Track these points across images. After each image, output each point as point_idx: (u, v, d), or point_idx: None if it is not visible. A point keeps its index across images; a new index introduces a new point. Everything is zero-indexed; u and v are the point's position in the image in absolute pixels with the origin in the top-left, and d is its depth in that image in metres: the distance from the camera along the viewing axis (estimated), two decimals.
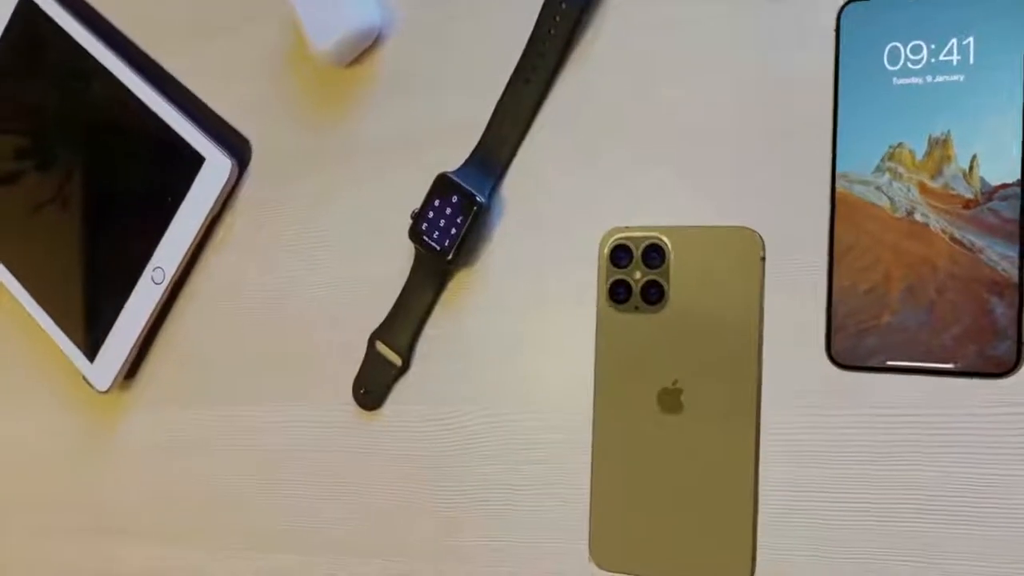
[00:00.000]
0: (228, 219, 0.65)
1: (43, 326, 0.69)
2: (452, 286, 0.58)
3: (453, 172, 0.57)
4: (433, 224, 0.56)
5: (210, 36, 0.66)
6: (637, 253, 0.54)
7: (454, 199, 0.56)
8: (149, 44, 0.69)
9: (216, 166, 0.63)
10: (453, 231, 0.56)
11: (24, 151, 0.70)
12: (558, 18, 0.55)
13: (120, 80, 0.66)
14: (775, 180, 0.51)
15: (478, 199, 0.56)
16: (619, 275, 0.55)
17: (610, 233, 0.55)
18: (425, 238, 0.56)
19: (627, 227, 0.55)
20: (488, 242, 0.57)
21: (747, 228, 0.52)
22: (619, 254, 0.55)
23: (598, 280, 0.55)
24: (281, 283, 0.64)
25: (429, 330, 0.59)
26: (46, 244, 0.69)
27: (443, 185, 0.56)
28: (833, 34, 0.50)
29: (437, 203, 0.56)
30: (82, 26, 0.68)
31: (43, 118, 0.70)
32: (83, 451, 0.71)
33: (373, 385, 0.60)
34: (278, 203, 0.64)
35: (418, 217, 0.57)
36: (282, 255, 0.64)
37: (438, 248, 0.56)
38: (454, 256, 0.56)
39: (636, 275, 0.54)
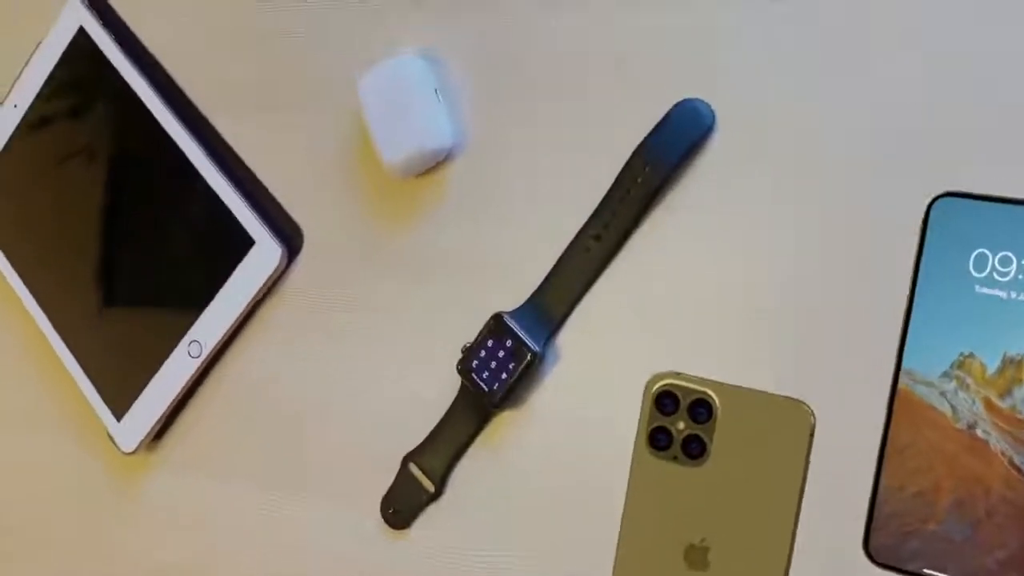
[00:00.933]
0: (272, 304, 0.63)
1: (74, 377, 0.68)
2: (495, 423, 0.57)
3: (509, 314, 0.55)
4: (484, 364, 0.55)
5: (279, 111, 0.63)
6: (684, 404, 0.53)
7: (508, 343, 0.54)
8: (214, 106, 0.65)
9: (265, 251, 0.60)
10: (504, 376, 0.54)
11: (68, 200, 0.68)
12: (640, 180, 0.52)
13: (177, 142, 0.63)
14: (839, 359, 0.50)
15: (533, 349, 0.54)
16: (662, 422, 0.53)
17: (659, 376, 0.53)
18: (474, 375, 0.55)
19: (678, 373, 0.53)
20: (538, 386, 0.56)
21: (800, 402, 0.50)
22: (665, 400, 0.53)
23: (639, 421, 0.54)
24: (318, 380, 0.62)
25: (466, 461, 0.58)
26: (88, 298, 0.67)
27: (498, 327, 0.55)
28: (920, 224, 0.48)
29: (491, 344, 0.54)
30: (142, 76, 0.65)
31: (91, 160, 0.67)
32: (99, 502, 0.70)
33: (402, 505, 0.59)
34: (324, 299, 0.62)
35: (469, 353, 0.55)
36: (323, 353, 0.62)
37: (486, 389, 0.55)
38: (501, 400, 0.55)
39: (680, 425, 0.53)
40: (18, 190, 0.70)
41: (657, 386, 0.53)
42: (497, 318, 0.55)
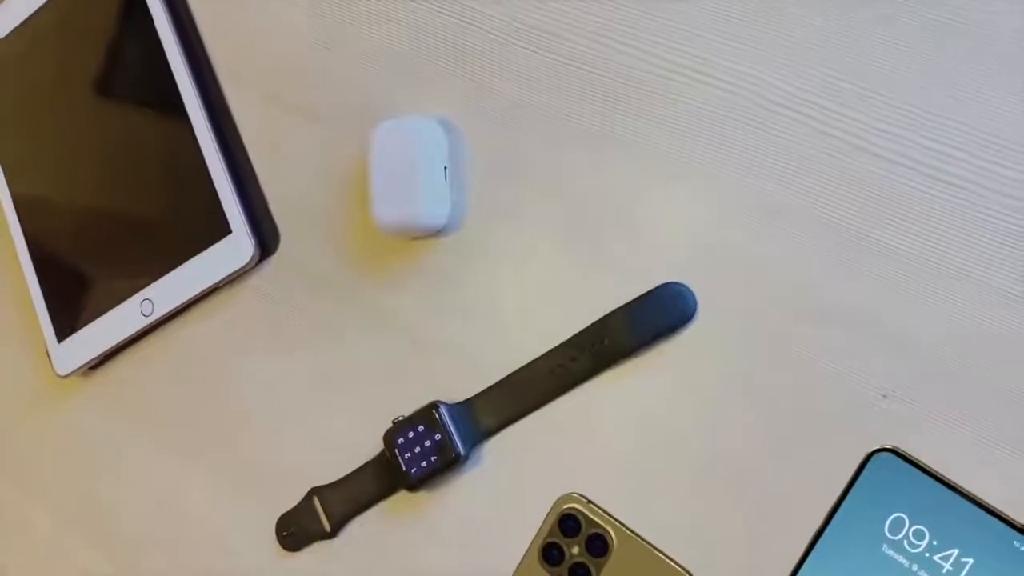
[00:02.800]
0: (231, 294, 0.61)
1: (29, 287, 0.66)
2: (403, 496, 0.56)
3: (447, 407, 0.54)
4: (408, 444, 0.54)
5: (299, 115, 0.60)
6: (584, 532, 0.53)
7: (436, 436, 0.53)
8: (236, 85, 0.62)
9: (238, 245, 0.59)
10: (423, 464, 0.54)
11: (70, 115, 0.65)
12: (610, 340, 0.51)
13: (191, 119, 0.60)
14: (737, 553, 0.50)
15: (458, 451, 0.53)
16: (560, 540, 0.53)
17: (569, 497, 0.53)
18: (397, 451, 0.54)
19: (589, 501, 0.53)
20: (452, 480, 0.55)
21: (688, 573, 0.50)
22: (568, 522, 0.53)
23: (538, 532, 0.54)
24: (256, 380, 0.61)
25: (366, 517, 0.57)
26: (66, 219, 0.65)
27: (432, 417, 0.54)
28: (856, 467, 0.47)
29: (421, 428, 0.54)
30: (178, 41, 0.61)
31: (107, 97, 0.64)
32: (20, 413, 0.70)
33: (298, 531, 0.59)
34: (281, 310, 0.60)
35: (399, 428, 0.55)
36: (263, 358, 0.61)
37: (404, 469, 0.54)
38: (414, 484, 0.54)
39: (575, 550, 0.53)
40: (20, 91, 0.68)
41: (566, 506, 0.53)
42: (434, 407, 0.54)
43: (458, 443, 0.54)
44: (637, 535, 0.52)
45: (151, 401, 0.65)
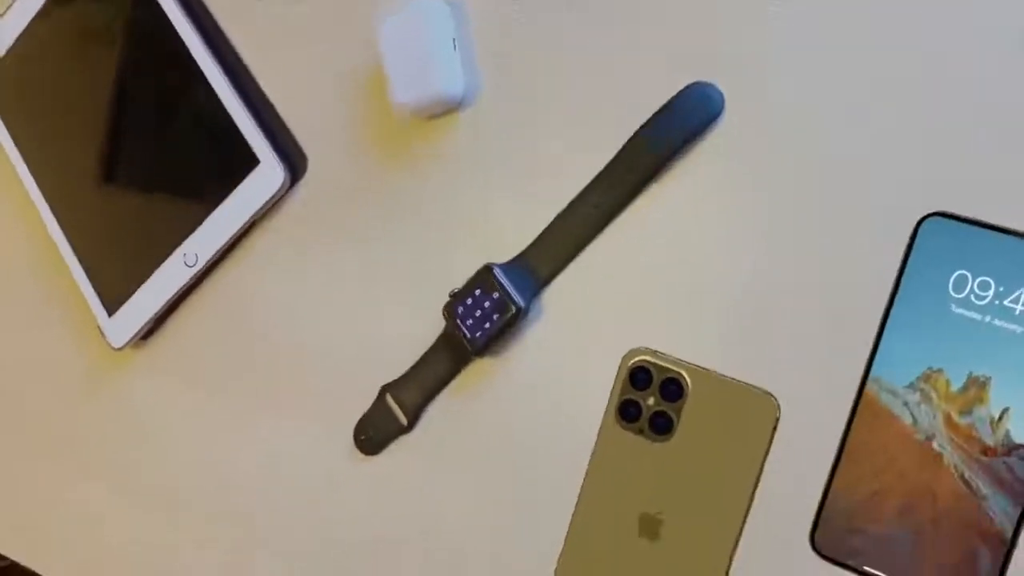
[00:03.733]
0: (271, 224, 0.62)
1: (71, 270, 0.67)
2: (472, 369, 0.56)
3: (499, 266, 0.54)
4: (468, 311, 0.54)
5: (301, 48, 0.61)
6: (657, 381, 0.52)
7: (495, 295, 0.53)
8: (243, 41, 0.64)
9: (269, 171, 0.59)
10: (486, 325, 0.53)
11: (87, 92, 0.66)
12: (640, 159, 0.51)
13: (200, 66, 0.61)
14: (811, 358, 0.49)
15: (519, 304, 0.53)
16: (633, 395, 0.53)
17: (635, 352, 0.53)
18: (458, 321, 0.54)
19: (655, 351, 0.52)
20: (517, 340, 0.55)
21: (769, 394, 0.50)
22: (639, 375, 0.53)
23: (612, 392, 0.53)
24: (306, 305, 0.61)
25: (440, 400, 0.57)
26: (94, 193, 0.66)
27: (487, 279, 0.54)
28: (908, 239, 0.47)
29: (478, 293, 0.54)
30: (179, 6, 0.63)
31: (115, 67, 0.65)
32: (81, 392, 0.69)
33: (374, 433, 0.58)
34: (320, 228, 0.60)
35: (456, 299, 0.54)
36: (314, 279, 0.61)
37: (468, 336, 0.54)
38: (481, 349, 0.54)
39: (650, 401, 0.52)
40: (38, 72, 0.69)
41: (633, 361, 0.53)
42: (487, 269, 0.54)
43: (517, 297, 0.53)
44: (708, 371, 0.51)
45: (210, 354, 0.64)
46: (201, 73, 0.61)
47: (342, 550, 0.60)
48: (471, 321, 0.54)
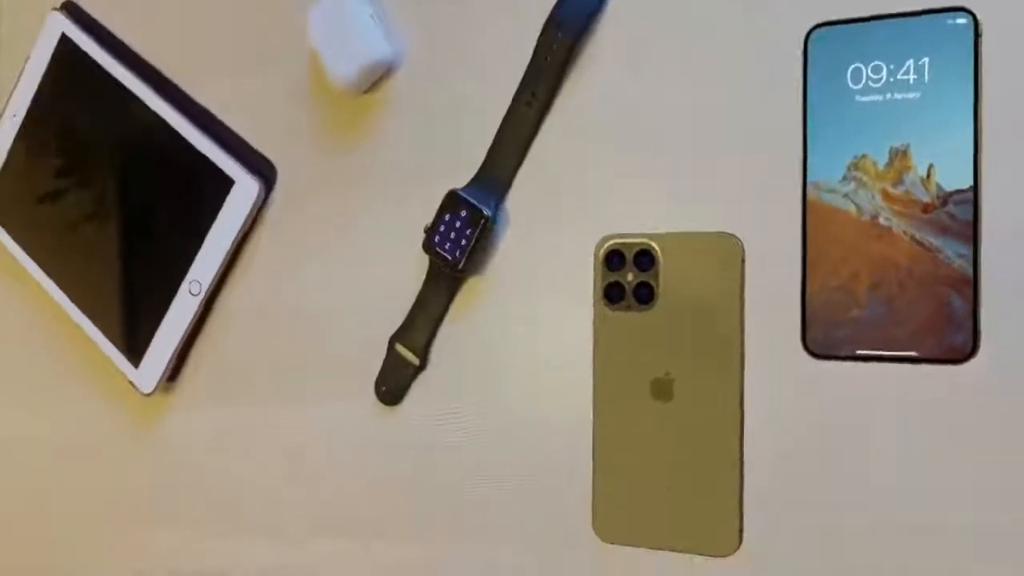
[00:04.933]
0: (257, 235, 0.66)
1: (88, 334, 0.71)
2: (463, 292, 0.60)
3: (462, 189, 0.58)
4: (445, 237, 0.58)
5: (237, 72, 0.67)
6: (629, 257, 0.56)
7: (463, 214, 0.57)
8: (182, 78, 0.70)
9: (245, 188, 0.64)
10: (463, 243, 0.57)
11: (67, 172, 0.72)
12: (554, 46, 0.56)
13: (154, 110, 0.67)
14: (753, 190, 0.53)
15: (485, 213, 0.57)
16: (613, 277, 0.56)
17: (604, 240, 0.56)
18: (438, 249, 0.58)
19: (619, 234, 0.56)
20: (495, 251, 0.59)
21: (729, 234, 0.53)
22: (613, 259, 0.56)
23: (594, 282, 0.57)
24: (307, 293, 0.65)
25: (443, 332, 0.61)
26: (90, 259, 0.70)
27: (453, 201, 0.58)
28: (801, 56, 0.52)
29: (448, 218, 0.58)
30: (119, 62, 0.69)
31: (86, 143, 0.71)
32: (126, 446, 0.72)
33: (393, 383, 0.61)
34: (303, 220, 0.65)
35: (431, 231, 0.58)
36: (307, 268, 0.65)
37: (449, 259, 0.58)
38: (464, 265, 0.58)
39: (628, 277, 0.56)
40: (22, 176, 0.74)
41: (604, 247, 0.56)
42: (451, 194, 0.58)
43: (482, 207, 0.57)
44: (671, 233, 0.55)
45: (233, 372, 0.68)
46: (158, 118, 0.67)
47: (387, 501, 0.62)
48: (449, 244, 0.58)
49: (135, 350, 0.69)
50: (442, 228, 0.58)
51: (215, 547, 0.68)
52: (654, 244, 0.55)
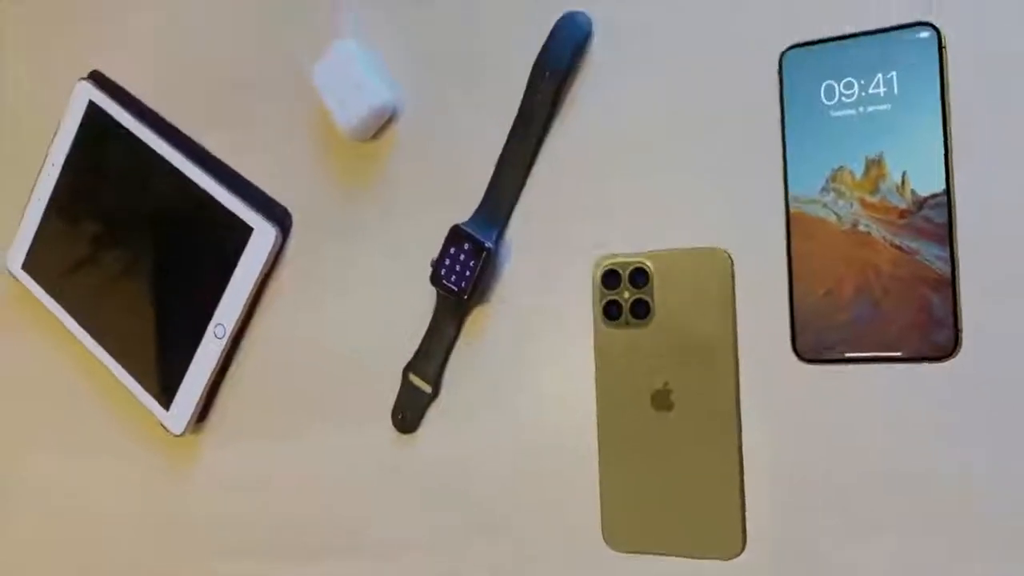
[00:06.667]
0: (277, 276, 0.68)
1: (121, 381, 0.73)
2: (471, 320, 0.61)
3: (464, 223, 0.60)
4: (450, 270, 0.59)
5: (250, 122, 0.70)
6: (624, 276, 0.57)
7: (466, 247, 0.59)
8: (198, 130, 0.73)
9: (263, 234, 0.67)
10: (467, 274, 0.59)
11: (98, 229, 0.75)
12: (543, 85, 0.58)
13: (176, 166, 0.70)
14: (738, 206, 0.54)
15: (487, 245, 0.59)
16: (610, 296, 0.57)
17: (600, 260, 0.58)
18: (444, 282, 0.60)
19: (613, 254, 0.58)
20: (499, 279, 0.61)
21: (718, 248, 0.55)
22: (609, 278, 0.58)
23: (593, 301, 0.58)
24: (326, 329, 0.67)
25: (454, 359, 0.62)
26: (120, 308, 0.73)
27: (456, 236, 0.60)
28: (777, 76, 0.53)
29: (452, 251, 0.59)
30: (142, 124, 0.72)
31: (115, 201, 0.74)
32: (160, 484, 0.74)
33: (409, 412, 0.63)
34: (319, 260, 0.67)
35: (437, 265, 0.60)
36: (325, 305, 0.67)
37: (456, 290, 0.59)
38: (470, 295, 0.59)
39: (625, 295, 0.57)
40: (56, 234, 0.78)
41: (601, 267, 0.58)
42: (454, 228, 0.60)
43: (483, 240, 0.59)
44: (662, 251, 0.56)
45: (259, 408, 0.69)
46: (180, 173, 0.70)
47: (411, 519, 0.63)
48: (454, 276, 0.59)
49: (165, 394, 0.71)
50: (447, 261, 0.60)
51: (248, 573, 0.70)
52: (647, 262, 0.57)
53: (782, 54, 0.53)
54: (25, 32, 0.82)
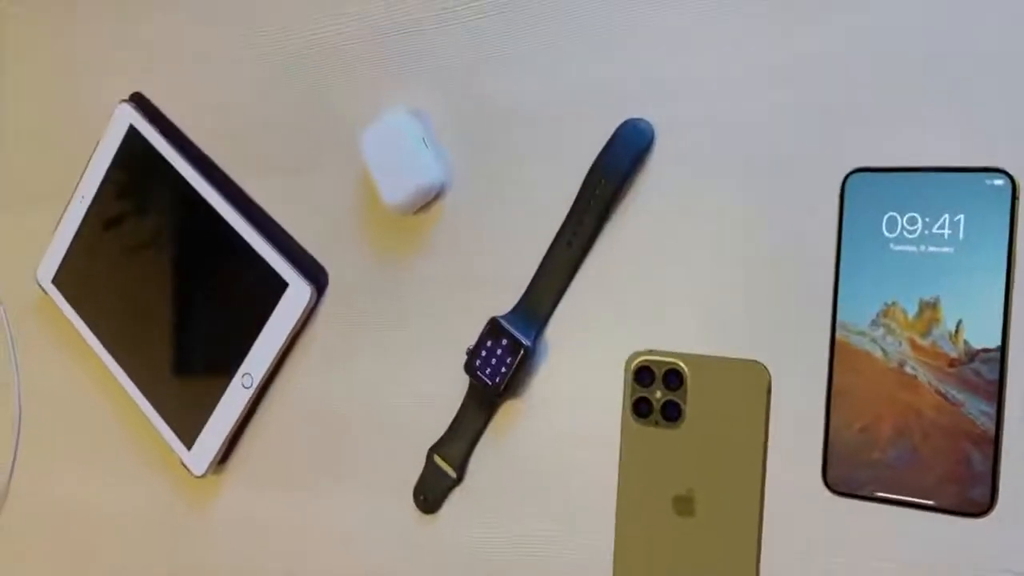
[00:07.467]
0: (309, 334, 0.67)
1: (148, 417, 0.73)
2: (501, 412, 0.60)
3: (503, 317, 0.59)
4: (485, 362, 0.58)
5: (298, 174, 0.68)
6: (659, 375, 0.56)
7: (504, 342, 0.58)
8: (243, 176, 0.71)
9: (298, 291, 0.65)
10: (503, 370, 0.58)
11: (130, 261, 0.74)
12: (598, 191, 0.56)
13: (215, 207, 0.68)
14: (784, 324, 0.53)
15: (525, 343, 0.58)
16: (642, 393, 0.56)
17: (635, 355, 0.56)
18: (479, 372, 0.59)
19: (650, 351, 0.56)
20: (534, 376, 0.59)
21: (757, 362, 0.53)
22: (643, 375, 0.56)
23: (624, 395, 0.57)
24: (353, 394, 0.66)
25: (480, 448, 0.61)
26: (151, 344, 0.72)
27: (495, 329, 0.58)
28: (838, 198, 0.51)
29: (489, 344, 0.58)
30: (182, 157, 0.70)
31: (149, 232, 0.72)
32: (175, 520, 0.74)
33: (430, 492, 0.62)
34: (352, 324, 0.66)
35: (473, 354, 0.59)
36: (355, 370, 0.66)
37: (490, 383, 0.58)
38: (503, 392, 0.58)
39: (657, 394, 0.56)
40: (90, 260, 0.76)
41: (635, 363, 0.57)
42: (493, 321, 0.59)
43: (522, 338, 0.58)
44: (700, 356, 0.55)
45: (279, 459, 0.69)
46: (218, 215, 0.68)
47: None
48: (489, 370, 0.58)
49: (189, 434, 0.70)
50: (483, 353, 0.58)
51: None
52: (683, 364, 0.55)
53: (846, 176, 0.51)
54: (65, 45, 0.80)
